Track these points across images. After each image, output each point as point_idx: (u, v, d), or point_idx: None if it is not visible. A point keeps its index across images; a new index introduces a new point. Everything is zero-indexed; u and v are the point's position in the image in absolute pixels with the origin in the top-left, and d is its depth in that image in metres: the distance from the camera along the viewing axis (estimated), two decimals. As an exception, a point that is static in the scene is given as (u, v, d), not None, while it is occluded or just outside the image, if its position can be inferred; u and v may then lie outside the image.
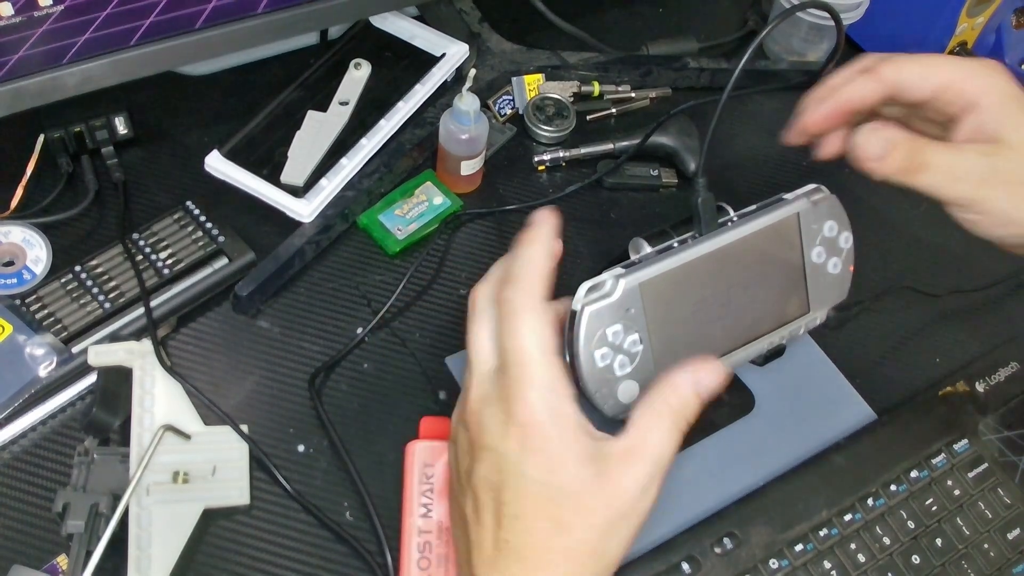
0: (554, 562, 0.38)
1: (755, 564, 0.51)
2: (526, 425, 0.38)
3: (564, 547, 0.38)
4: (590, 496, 0.38)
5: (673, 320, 0.48)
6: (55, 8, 0.51)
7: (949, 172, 0.46)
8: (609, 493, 0.38)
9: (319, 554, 0.51)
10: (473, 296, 0.43)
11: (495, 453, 0.39)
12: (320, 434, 0.55)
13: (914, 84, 0.48)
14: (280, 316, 0.60)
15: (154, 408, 0.52)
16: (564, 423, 0.38)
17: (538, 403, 0.38)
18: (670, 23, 0.84)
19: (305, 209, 0.61)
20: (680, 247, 0.48)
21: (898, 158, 0.46)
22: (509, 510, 0.38)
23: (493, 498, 0.39)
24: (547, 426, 0.38)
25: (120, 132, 0.63)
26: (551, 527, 0.38)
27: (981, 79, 0.47)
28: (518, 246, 0.42)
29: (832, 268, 0.53)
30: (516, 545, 0.38)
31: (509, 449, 0.38)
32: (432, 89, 0.68)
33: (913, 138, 0.47)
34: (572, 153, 0.70)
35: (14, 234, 0.58)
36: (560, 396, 0.39)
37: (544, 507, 0.38)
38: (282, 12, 0.59)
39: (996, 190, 0.46)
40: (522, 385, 0.39)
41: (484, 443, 0.39)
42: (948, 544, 0.54)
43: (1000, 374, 0.61)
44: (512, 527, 0.38)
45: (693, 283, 0.49)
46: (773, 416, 0.58)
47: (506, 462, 0.38)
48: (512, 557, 0.38)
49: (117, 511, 0.47)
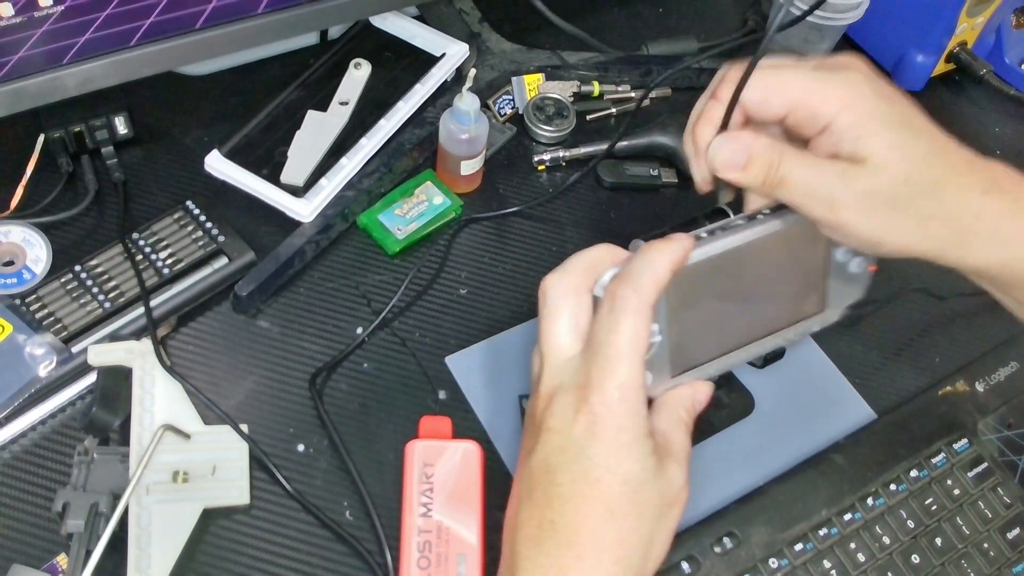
0: (604, 548, 0.39)
1: (755, 563, 0.51)
2: (599, 412, 0.39)
3: (616, 535, 0.39)
4: (648, 487, 0.40)
5: (693, 312, 0.48)
6: (55, 8, 0.51)
7: (805, 190, 0.43)
8: (662, 485, 0.40)
9: (319, 554, 0.51)
10: (545, 286, 0.43)
11: (560, 435, 0.40)
12: (320, 434, 0.55)
13: (756, 106, 0.44)
14: (280, 316, 0.60)
15: (154, 408, 0.52)
16: (636, 419, 0.40)
17: (616, 394, 0.39)
18: (670, 23, 0.84)
19: (305, 209, 0.61)
20: (708, 238, 0.48)
21: (756, 170, 0.43)
22: (561, 491, 0.39)
23: (548, 479, 0.40)
24: (620, 416, 0.39)
25: (120, 132, 0.63)
26: (604, 513, 0.39)
27: (836, 95, 0.42)
28: (646, 247, 0.42)
29: (854, 267, 0.53)
30: (562, 526, 0.39)
31: (576, 433, 0.39)
32: (432, 89, 0.68)
33: (771, 147, 0.43)
34: (572, 153, 0.70)
35: (14, 234, 0.58)
36: (637, 397, 0.40)
37: (601, 493, 0.39)
38: (282, 12, 0.59)
39: (855, 212, 0.42)
40: (605, 376, 0.39)
41: (550, 426, 0.40)
42: (948, 544, 0.54)
43: (1000, 374, 0.61)
44: (562, 508, 0.39)
45: (718, 276, 0.48)
46: (773, 417, 0.58)
47: (571, 444, 0.39)
48: (558, 538, 0.39)
49: (117, 510, 0.47)
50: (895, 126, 0.42)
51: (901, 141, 0.42)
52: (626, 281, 0.41)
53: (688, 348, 0.49)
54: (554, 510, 0.39)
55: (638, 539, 0.39)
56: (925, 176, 0.42)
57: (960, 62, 0.80)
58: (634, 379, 0.40)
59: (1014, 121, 0.80)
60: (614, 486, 0.39)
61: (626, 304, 0.40)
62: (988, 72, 0.79)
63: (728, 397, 0.57)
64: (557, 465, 0.40)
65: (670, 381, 0.49)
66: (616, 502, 0.39)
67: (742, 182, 0.44)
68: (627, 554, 0.39)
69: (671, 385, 0.50)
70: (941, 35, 0.77)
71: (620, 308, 0.40)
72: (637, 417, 0.40)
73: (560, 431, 0.40)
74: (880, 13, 0.77)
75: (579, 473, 0.39)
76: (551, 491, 0.39)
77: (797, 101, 0.43)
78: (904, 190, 0.42)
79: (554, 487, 0.39)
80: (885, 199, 0.42)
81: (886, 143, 0.41)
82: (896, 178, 0.41)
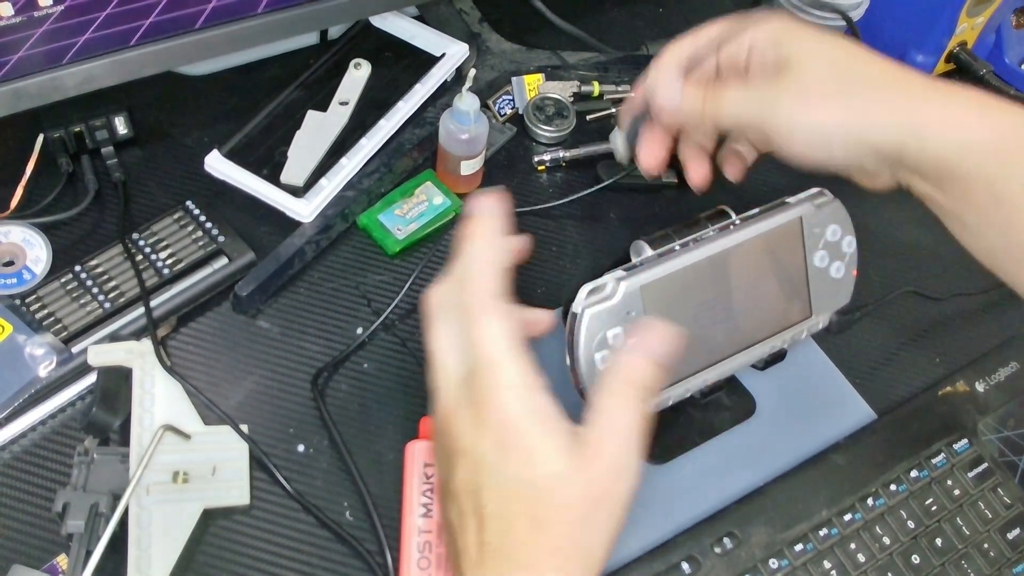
0: (540, 559, 0.37)
1: (755, 564, 0.51)
2: (501, 424, 0.38)
3: (547, 543, 0.37)
4: (567, 487, 0.37)
5: (674, 323, 0.48)
6: (55, 8, 0.51)
7: (741, 106, 0.47)
8: (584, 481, 0.38)
9: (319, 554, 0.51)
10: (428, 301, 0.41)
11: (470, 456, 0.39)
12: (320, 434, 0.55)
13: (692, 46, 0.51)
14: (280, 316, 0.60)
15: (154, 408, 0.52)
16: (539, 416, 0.38)
17: (512, 402, 0.38)
18: (670, 23, 0.84)
19: (305, 209, 0.61)
20: (682, 250, 0.48)
21: (691, 100, 0.49)
22: (489, 511, 0.38)
23: (473, 501, 0.38)
24: (522, 421, 0.38)
25: (120, 132, 0.63)
26: (531, 524, 0.37)
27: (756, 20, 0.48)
28: (462, 243, 0.41)
29: (835, 272, 0.53)
30: (499, 546, 0.38)
31: (485, 450, 0.38)
32: (432, 89, 0.68)
33: (698, 82, 0.50)
34: (572, 153, 0.70)
35: (14, 234, 0.58)
36: (532, 390, 0.38)
37: (523, 504, 0.37)
38: (282, 12, 0.59)
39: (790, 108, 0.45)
40: (493, 387, 0.38)
41: (459, 448, 0.39)
42: (948, 544, 0.54)
43: (1000, 374, 0.61)
44: (494, 528, 0.38)
45: (695, 286, 0.48)
46: (774, 418, 0.58)
47: (483, 463, 0.38)
48: (498, 558, 0.38)
49: (117, 511, 0.47)
50: (813, 35, 0.47)
51: (820, 42, 0.46)
52: (463, 287, 0.40)
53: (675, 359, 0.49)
54: (487, 531, 0.38)
55: (571, 543, 0.37)
56: (854, 69, 0.45)
57: (960, 62, 0.80)
58: (521, 376, 0.38)
59: (1014, 121, 0.80)
60: (533, 495, 0.37)
61: (474, 312, 0.39)
62: (988, 72, 0.79)
63: (730, 399, 0.57)
64: (479, 485, 0.38)
65: (660, 394, 0.49)
66: (539, 511, 0.37)
67: (681, 115, 0.50)
68: (566, 560, 0.37)
69: (662, 398, 0.50)
70: (941, 35, 0.77)
71: (472, 318, 0.39)
72: (539, 415, 0.38)
73: (470, 451, 0.39)
74: (880, 13, 0.77)
75: (499, 489, 0.38)
76: (480, 512, 0.38)
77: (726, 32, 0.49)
78: (832, 78, 0.44)
79: (482, 508, 0.38)
80: (817, 89, 0.45)
81: (806, 45, 0.46)
82: (821, 69, 0.44)
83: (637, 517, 0.53)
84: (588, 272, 0.65)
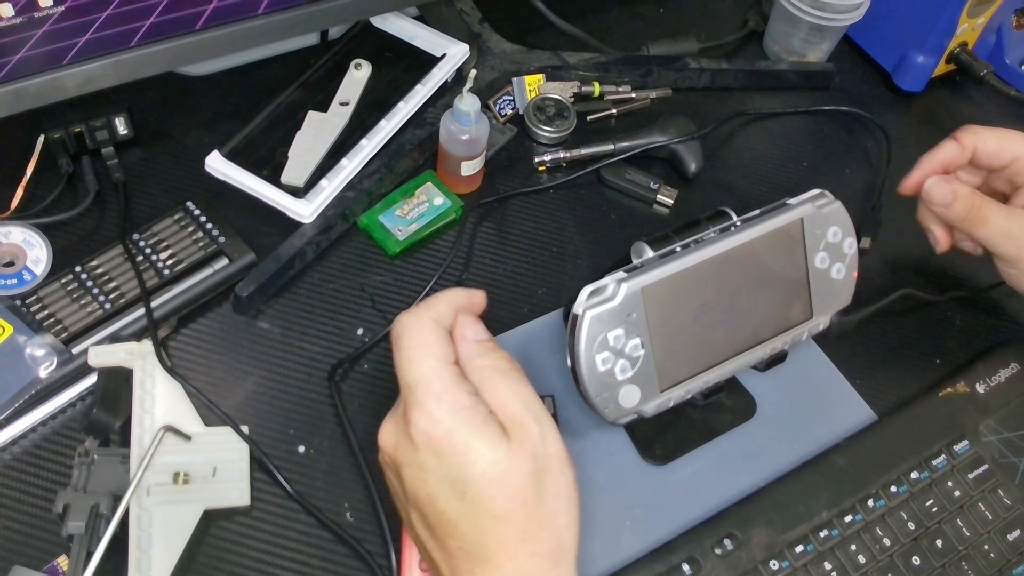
0: (512, 550, 0.38)
1: (755, 565, 0.51)
2: (429, 432, 0.39)
3: (513, 532, 0.38)
4: (511, 471, 0.38)
5: (675, 325, 0.48)
6: (56, 9, 0.51)
7: (1001, 230, 0.55)
8: (523, 458, 0.39)
9: (319, 555, 0.51)
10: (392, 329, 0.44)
11: (414, 468, 0.40)
12: (321, 435, 0.55)
13: (990, 153, 0.58)
14: (280, 317, 0.60)
15: (154, 409, 0.52)
16: (463, 414, 0.39)
17: (434, 408, 0.39)
18: (670, 23, 0.84)
19: (305, 210, 0.61)
20: (683, 251, 0.48)
21: (959, 208, 0.56)
22: (449, 516, 0.39)
23: (433, 510, 0.39)
24: (448, 423, 0.39)
25: (120, 132, 0.63)
26: (492, 520, 0.38)
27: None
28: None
29: (836, 274, 0.53)
30: (469, 548, 0.39)
31: (424, 458, 0.39)
32: (432, 89, 0.68)
33: (974, 194, 0.56)
34: (572, 153, 0.70)
35: (14, 234, 0.58)
36: (451, 389, 0.40)
37: (478, 503, 0.38)
38: (283, 13, 0.59)
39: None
40: (412, 392, 0.40)
41: (403, 461, 0.40)
42: (948, 545, 0.54)
43: (1000, 375, 0.61)
44: (459, 532, 0.39)
45: (696, 288, 0.48)
46: (774, 419, 0.58)
47: (427, 473, 0.39)
48: (472, 560, 0.39)
49: (117, 512, 0.47)
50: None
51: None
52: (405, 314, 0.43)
53: (676, 361, 0.49)
54: (455, 536, 0.39)
55: (535, 523, 0.39)
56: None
57: (961, 63, 0.80)
58: (437, 378, 0.40)
59: (1015, 122, 0.80)
60: (482, 491, 0.38)
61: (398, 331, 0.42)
62: (989, 73, 0.79)
63: (730, 400, 0.57)
64: (432, 495, 0.39)
65: (660, 396, 0.49)
66: (494, 504, 0.38)
67: (944, 216, 0.57)
68: (535, 541, 0.38)
69: (663, 399, 0.50)
70: (942, 36, 0.77)
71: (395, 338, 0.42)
72: (462, 411, 0.39)
73: (413, 463, 0.40)
74: (880, 14, 0.78)
75: (451, 493, 0.39)
76: (442, 520, 0.39)
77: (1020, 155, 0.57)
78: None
79: (442, 515, 0.39)
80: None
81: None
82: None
83: (638, 518, 0.53)
84: (589, 273, 0.65)
